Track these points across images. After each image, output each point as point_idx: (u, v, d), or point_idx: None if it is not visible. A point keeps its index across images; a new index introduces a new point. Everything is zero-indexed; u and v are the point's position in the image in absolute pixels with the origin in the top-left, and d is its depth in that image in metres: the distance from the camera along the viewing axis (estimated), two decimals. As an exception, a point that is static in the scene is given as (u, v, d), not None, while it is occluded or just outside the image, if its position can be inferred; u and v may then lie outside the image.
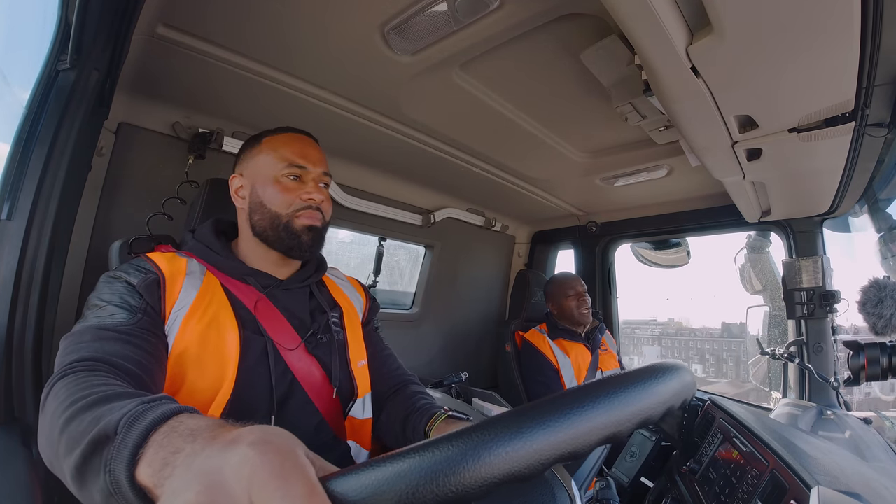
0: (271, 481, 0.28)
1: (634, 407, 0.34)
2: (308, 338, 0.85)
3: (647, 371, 0.36)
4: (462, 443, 0.29)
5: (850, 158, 1.10)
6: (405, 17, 0.97)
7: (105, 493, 0.39)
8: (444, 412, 0.83)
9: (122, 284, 0.74)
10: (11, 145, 0.89)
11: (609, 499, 1.10)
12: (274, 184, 0.86)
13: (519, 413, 0.31)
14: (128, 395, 0.49)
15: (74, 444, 0.43)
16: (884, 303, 1.03)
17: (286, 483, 0.28)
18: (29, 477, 0.77)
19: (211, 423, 0.38)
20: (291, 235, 0.85)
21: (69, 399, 0.50)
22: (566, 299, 2.05)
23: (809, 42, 0.71)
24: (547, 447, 0.30)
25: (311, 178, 0.88)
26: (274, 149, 0.88)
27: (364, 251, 2.21)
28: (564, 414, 0.31)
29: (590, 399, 0.32)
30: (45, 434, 0.51)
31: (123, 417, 0.41)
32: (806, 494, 0.74)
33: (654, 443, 1.43)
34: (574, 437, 0.31)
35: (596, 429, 0.32)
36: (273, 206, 0.85)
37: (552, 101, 1.34)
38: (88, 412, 0.46)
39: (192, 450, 0.34)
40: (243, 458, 0.30)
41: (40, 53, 0.90)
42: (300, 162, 0.86)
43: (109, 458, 0.39)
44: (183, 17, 0.98)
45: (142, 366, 0.65)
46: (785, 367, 1.78)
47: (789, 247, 1.76)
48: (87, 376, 0.56)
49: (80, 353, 0.61)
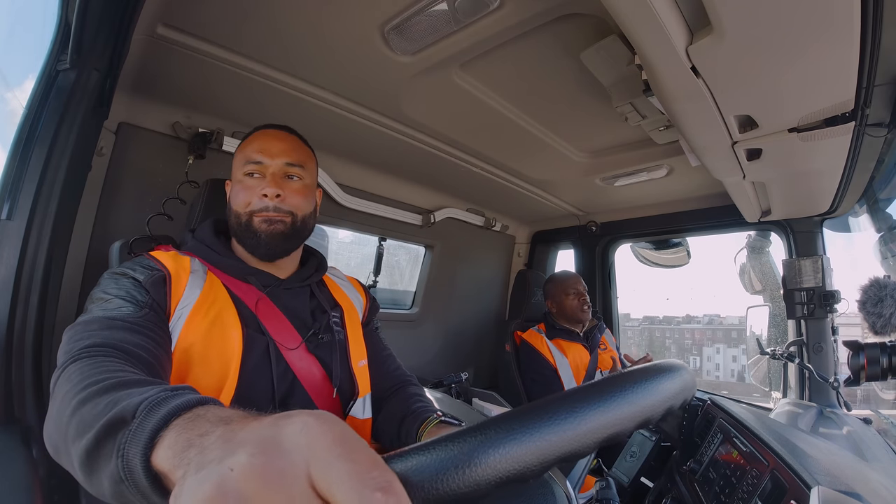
0: (334, 448, 0.26)
1: (643, 403, 0.34)
2: (309, 337, 0.85)
3: (650, 370, 0.36)
4: (524, 419, 0.31)
5: (850, 158, 1.10)
6: (405, 17, 0.97)
7: (115, 479, 0.36)
8: (436, 417, 0.84)
9: (128, 280, 0.73)
10: (11, 145, 0.89)
11: (609, 499, 1.10)
12: (237, 184, 0.86)
13: (573, 394, 0.33)
14: (147, 382, 0.47)
15: (86, 427, 0.41)
16: (884, 302, 1.03)
17: (352, 450, 0.26)
18: (29, 477, 0.77)
19: (243, 412, 0.34)
20: (251, 234, 0.83)
21: (83, 382, 0.47)
22: (567, 298, 2.05)
23: (809, 42, 0.71)
24: (596, 426, 0.32)
25: (270, 173, 0.84)
26: (241, 149, 0.88)
27: (364, 251, 2.21)
28: (592, 405, 0.33)
29: (598, 396, 0.33)
30: (54, 417, 0.48)
31: (144, 402, 0.38)
32: (806, 494, 0.74)
33: (654, 443, 1.43)
34: (586, 433, 0.32)
35: (601, 427, 0.32)
36: (235, 206, 0.85)
37: (552, 101, 1.34)
38: (104, 396, 0.44)
39: (228, 428, 0.30)
40: (303, 426, 0.27)
41: (40, 53, 0.90)
42: (256, 157, 0.84)
43: (124, 441, 0.36)
44: (183, 17, 0.98)
45: (153, 355, 0.64)
46: (785, 367, 1.78)
47: (789, 247, 1.76)
48: (101, 361, 0.54)
49: (92, 339, 0.60)
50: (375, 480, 0.24)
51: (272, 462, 0.26)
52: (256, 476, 0.25)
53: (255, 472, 0.25)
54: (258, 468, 0.25)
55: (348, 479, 0.24)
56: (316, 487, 0.25)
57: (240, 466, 0.26)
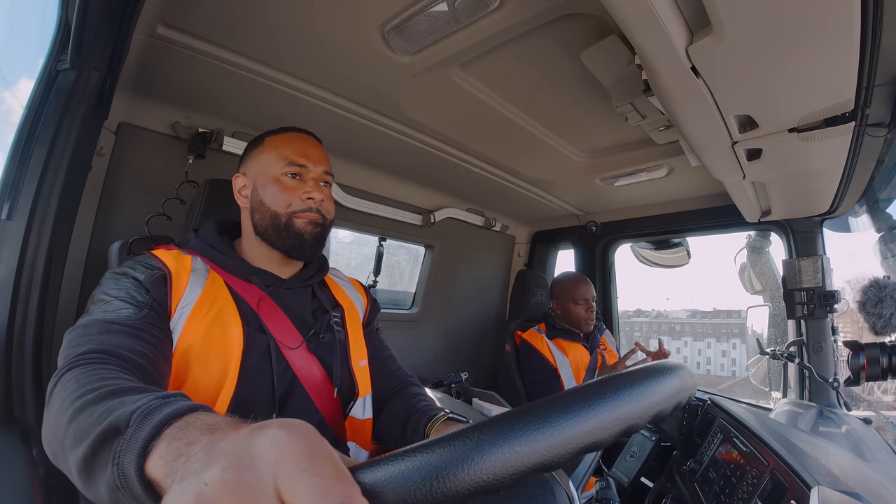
0: (301, 460, 0.27)
1: (652, 399, 0.35)
2: (310, 337, 0.85)
3: (656, 368, 0.37)
4: (493, 430, 0.30)
5: (850, 158, 1.10)
6: (405, 17, 0.97)
7: (111, 486, 0.38)
8: (444, 414, 0.84)
9: (128, 280, 0.73)
10: (11, 145, 0.89)
11: (609, 499, 1.10)
12: (274, 183, 0.86)
13: (550, 402, 0.32)
14: (141, 389, 0.48)
15: (83, 436, 0.42)
16: (884, 302, 1.03)
17: (316, 463, 0.27)
18: (29, 477, 0.77)
19: (230, 419, 0.36)
20: (292, 235, 0.85)
21: (78, 391, 0.48)
22: (575, 305, 2.03)
23: (809, 42, 0.71)
24: (572, 437, 0.31)
25: (311, 178, 0.87)
26: (275, 147, 0.88)
27: (364, 251, 2.21)
28: (595, 402, 0.33)
29: (611, 392, 0.33)
30: (51, 425, 0.49)
31: (136, 411, 0.39)
32: (806, 494, 0.74)
33: (654, 443, 1.43)
34: (598, 427, 0.32)
35: (576, 437, 0.32)
36: (273, 206, 0.85)
37: (552, 101, 1.34)
38: (99, 404, 0.45)
39: (211, 439, 0.32)
40: (273, 439, 0.29)
41: (40, 53, 0.90)
42: (300, 161, 0.86)
43: (119, 450, 0.38)
44: (183, 17, 0.98)
45: (149, 360, 0.64)
46: (785, 367, 1.78)
47: (789, 247, 1.76)
48: (96, 369, 0.55)
49: (88, 345, 0.61)
50: (338, 496, 0.26)
51: (242, 476, 0.27)
52: (228, 491, 0.27)
53: (227, 487, 0.27)
54: (229, 483, 0.27)
55: (311, 494, 0.26)
56: (283, 501, 0.27)
57: (213, 481, 0.27)
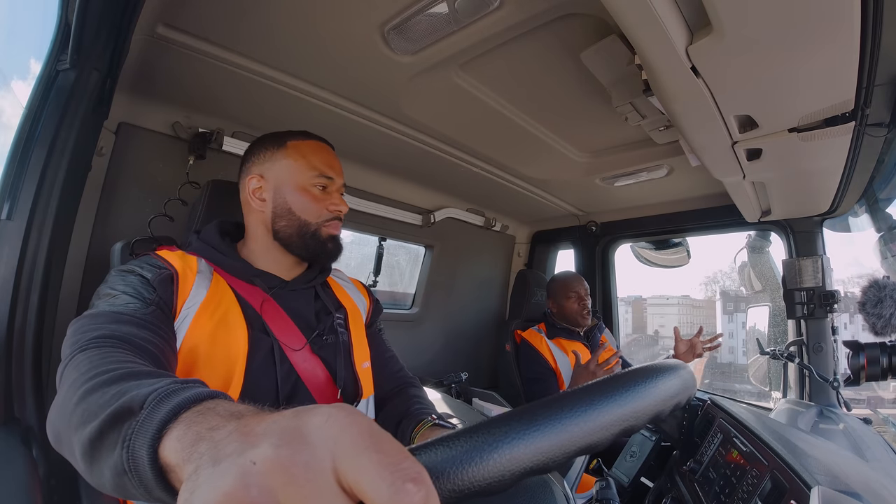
0: (362, 439, 0.25)
1: (653, 398, 0.35)
2: (313, 338, 0.85)
3: (656, 368, 0.37)
4: (521, 423, 0.30)
5: (850, 158, 1.10)
6: (405, 17, 0.97)
7: (118, 470, 0.35)
8: (430, 420, 0.85)
9: (135, 277, 0.73)
10: (11, 145, 0.89)
11: (609, 499, 1.10)
12: (303, 192, 0.87)
13: (558, 400, 0.33)
14: (157, 374, 0.46)
15: (91, 416, 0.40)
16: (883, 303, 1.03)
17: (378, 443, 0.25)
18: (29, 477, 0.77)
19: (254, 408, 0.33)
20: (319, 244, 0.88)
21: (91, 371, 0.47)
22: (567, 300, 2.05)
23: (809, 42, 0.71)
24: (594, 425, 0.32)
25: (336, 189, 0.91)
26: (302, 155, 0.88)
27: (364, 251, 2.21)
28: (596, 402, 0.33)
29: (620, 387, 0.34)
30: (59, 404, 0.47)
31: (153, 393, 0.37)
32: (806, 494, 0.74)
33: (654, 443, 1.43)
34: (603, 425, 0.32)
35: (619, 419, 0.33)
36: (303, 214, 0.87)
37: (552, 101, 1.34)
38: (112, 386, 0.43)
39: (242, 423, 0.29)
40: (329, 417, 0.26)
41: (40, 53, 0.90)
42: (329, 173, 0.89)
43: (130, 432, 0.35)
44: (183, 17, 0.98)
45: (160, 349, 0.64)
46: (785, 367, 1.78)
47: (789, 247, 1.76)
48: (110, 351, 0.54)
49: (100, 331, 0.59)
50: (406, 471, 0.23)
51: (297, 455, 0.24)
52: (281, 469, 0.24)
53: (280, 465, 0.24)
54: (283, 461, 0.24)
55: (378, 471, 0.23)
56: (342, 480, 0.24)
57: (263, 459, 0.24)
